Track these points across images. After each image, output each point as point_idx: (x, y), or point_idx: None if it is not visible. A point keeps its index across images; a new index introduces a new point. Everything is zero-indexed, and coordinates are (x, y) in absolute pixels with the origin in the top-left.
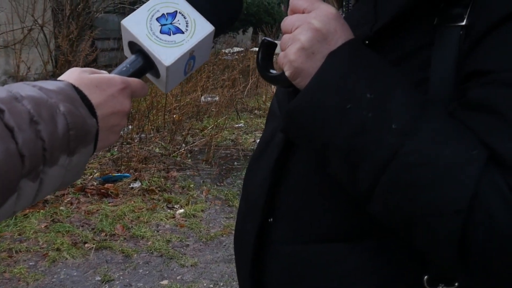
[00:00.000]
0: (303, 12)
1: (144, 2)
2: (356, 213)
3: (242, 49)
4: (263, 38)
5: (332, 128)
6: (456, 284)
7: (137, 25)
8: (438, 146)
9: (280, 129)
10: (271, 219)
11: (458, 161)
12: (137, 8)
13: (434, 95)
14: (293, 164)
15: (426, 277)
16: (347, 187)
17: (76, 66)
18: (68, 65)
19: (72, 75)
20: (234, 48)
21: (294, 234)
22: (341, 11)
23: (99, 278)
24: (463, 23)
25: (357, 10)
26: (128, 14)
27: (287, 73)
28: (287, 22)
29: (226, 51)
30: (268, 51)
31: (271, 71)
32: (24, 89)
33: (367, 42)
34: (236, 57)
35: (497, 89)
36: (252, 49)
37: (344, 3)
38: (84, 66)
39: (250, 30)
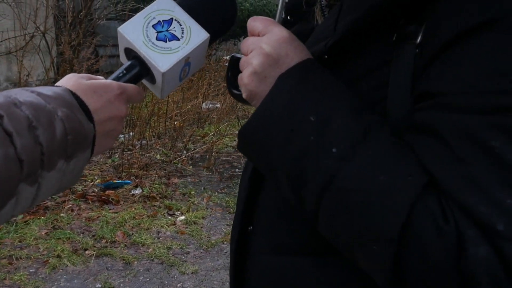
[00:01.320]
0: (258, 35)
1: (142, 9)
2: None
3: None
4: (232, 54)
5: (278, 151)
6: None
7: (133, 32)
8: (374, 172)
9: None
10: (251, 227)
11: (392, 188)
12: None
13: (391, 115)
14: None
15: None
16: (296, 208)
17: (79, 73)
18: (71, 72)
19: (70, 81)
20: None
21: (269, 244)
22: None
23: (100, 285)
24: (418, 41)
25: (323, 23)
26: None
27: (244, 96)
28: (244, 44)
29: (228, 57)
30: (236, 67)
31: (239, 89)
32: (23, 94)
33: (326, 57)
34: None
35: (441, 112)
36: None
37: (318, 12)
38: (88, 73)
39: None
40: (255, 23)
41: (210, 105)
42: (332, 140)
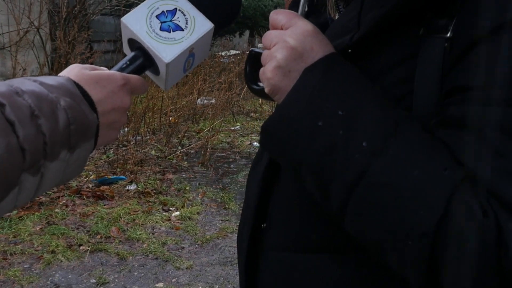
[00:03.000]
0: (282, 28)
1: (137, 4)
2: (338, 226)
3: (239, 52)
4: (251, 49)
5: (304, 145)
6: None
7: (137, 22)
8: (407, 166)
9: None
10: (264, 225)
11: (427, 182)
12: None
13: (417, 109)
14: (283, 172)
15: None
16: (321, 204)
17: None
18: (65, 67)
19: (73, 71)
20: (231, 51)
21: (284, 241)
22: (337, 15)
23: (94, 281)
24: (448, 35)
25: (343, 17)
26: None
27: (266, 90)
28: (267, 37)
29: (223, 53)
30: (255, 62)
31: (259, 83)
32: (25, 84)
33: (349, 51)
34: (233, 59)
35: (477, 107)
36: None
37: (334, 7)
38: None
39: (247, 33)
40: (277, 16)
41: (205, 101)
42: (361, 134)
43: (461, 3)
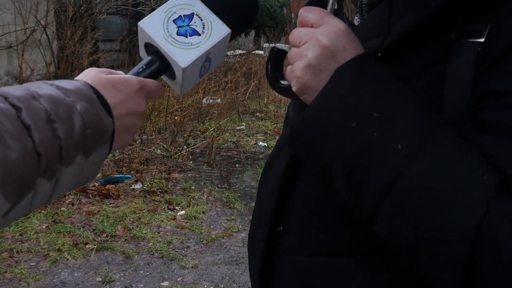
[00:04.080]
0: (312, 26)
1: (144, 4)
2: (363, 229)
3: (244, 51)
4: (273, 46)
5: (336, 146)
6: None
7: (154, 27)
8: (445, 170)
9: (287, 143)
10: (281, 228)
11: (466, 186)
12: (140, 9)
13: (448, 113)
14: (303, 174)
15: None
16: (350, 206)
17: (80, 67)
18: (71, 66)
19: (89, 75)
20: (236, 50)
21: (302, 245)
22: (358, 16)
23: (100, 279)
24: (482, 40)
25: (370, 20)
26: (131, 16)
27: (294, 89)
28: (295, 35)
29: (229, 53)
30: (278, 59)
31: (281, 81)
32: (42, 87)
33: (379, 54)
34: (238, 59)
35: None
36: (254, 52)
37: (357, 10)
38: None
39: (252, 33)
40: (308, 13)
41: (211, 100)
42: (397, 136)
43: (497, 9)
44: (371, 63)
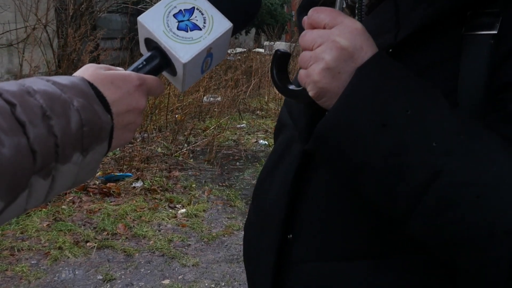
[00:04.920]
0: (324, 27)
1: (144, 2)
2: (382, 229)
3: (245, 49)
4: (276, 49)
5: (367, 148)
6: None
7: (154, 21)
8: (483, 164)
9: (305, 148)
10: (291, 236)
11: (506, 179)
12: (141, 7)
13: (463, 106)
14: (315, 178)
15: None
16: (381, 207)
17: (81, 66)
18: (72, 64)
19: (87, 71)
20: (237, 48)
21: (316, 251)
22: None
23: (101, 277)
24: (495, 32)
25: (375, 18)
26: (131, 14)
27: (311, 93)
28: (307, 38)
29: (229, 51)
30: (282, 63)
31: (289, 86)
32: (37, 83)
33: (390, 50)
34: (239, 57)
35: None
36: (254, 50)
37: (356, 11)
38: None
39: (253, 31)
40: (319, 14)
41: (211, 98)
42: (431, 134)
43: (507, 1)
44: (390, 61)
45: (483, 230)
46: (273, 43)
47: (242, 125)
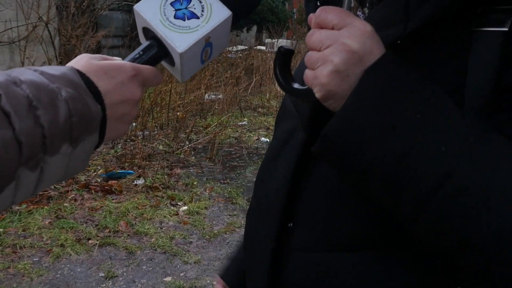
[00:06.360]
0: (332, 28)
1: None
2: (383, 220)
3: (246, 47)
4: (280, 46)
5: (375, 152)
6: None
7: (150, 10)
8: (493, 167)
9: (312, 150)
10: (291, 224)
11: None
12: None
13: (471, 103)
14: (316, 168)
15: None
16: (387, 208)
17: None
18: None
19: (80, 62)
20: (238, 46)
21: (316, 240)
22: (361, 11)
23: (103, 274)
24: (506, 29)
25: (380, 11)
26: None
27: (317, 95)
28: (315, 38)
29: (230, 49)
30: (285, 60)
31: (294, 85)
32: (24, 73)
33: (398, 42)
34: (240, 55)
35: None
36: (256, 47)
37: (367, 3)
38: None
39: (254, 28)
40: (327, 15)
41: (213, 96)
42: (439, 137)
43: None
44: (398, 62)
45: (492, 233)
46: (275, 40)
47: (243, 123)
